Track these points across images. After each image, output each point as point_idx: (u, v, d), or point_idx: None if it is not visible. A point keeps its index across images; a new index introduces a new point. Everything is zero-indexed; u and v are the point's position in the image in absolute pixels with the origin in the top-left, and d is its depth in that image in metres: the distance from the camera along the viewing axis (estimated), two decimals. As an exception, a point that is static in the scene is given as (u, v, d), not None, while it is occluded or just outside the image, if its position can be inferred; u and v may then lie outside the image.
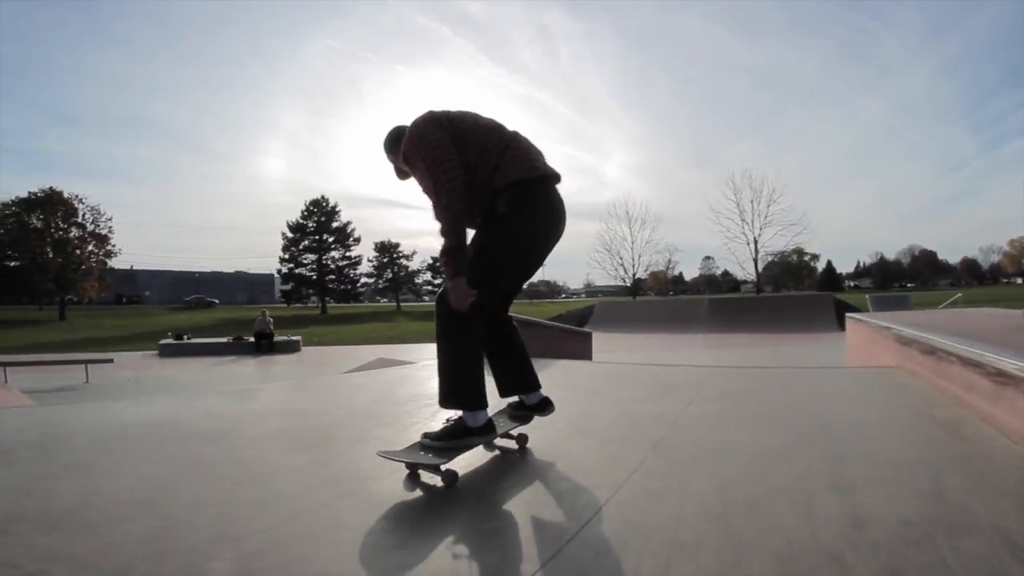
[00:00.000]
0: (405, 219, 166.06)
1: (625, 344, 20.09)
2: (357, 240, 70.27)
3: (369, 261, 77.56)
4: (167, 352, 21.07)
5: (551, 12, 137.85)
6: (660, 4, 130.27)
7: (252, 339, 21.16)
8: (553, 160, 2.74)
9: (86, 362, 14.88)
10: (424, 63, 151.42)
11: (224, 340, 22.41)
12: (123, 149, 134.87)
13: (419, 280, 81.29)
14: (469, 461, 2.68)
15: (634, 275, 65.34)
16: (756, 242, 58.19)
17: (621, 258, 65.52)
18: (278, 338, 21.08)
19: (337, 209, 68.93)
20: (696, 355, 15.11)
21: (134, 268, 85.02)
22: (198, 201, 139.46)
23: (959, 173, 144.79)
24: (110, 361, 16.23)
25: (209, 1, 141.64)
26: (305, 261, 67.64)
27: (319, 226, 67.88)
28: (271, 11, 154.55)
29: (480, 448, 2.76)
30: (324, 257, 67.90)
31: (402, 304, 74.50)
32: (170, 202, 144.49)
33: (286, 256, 67.02)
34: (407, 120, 2.76)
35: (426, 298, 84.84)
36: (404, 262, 79.32)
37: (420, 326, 35.41)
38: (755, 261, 59.44)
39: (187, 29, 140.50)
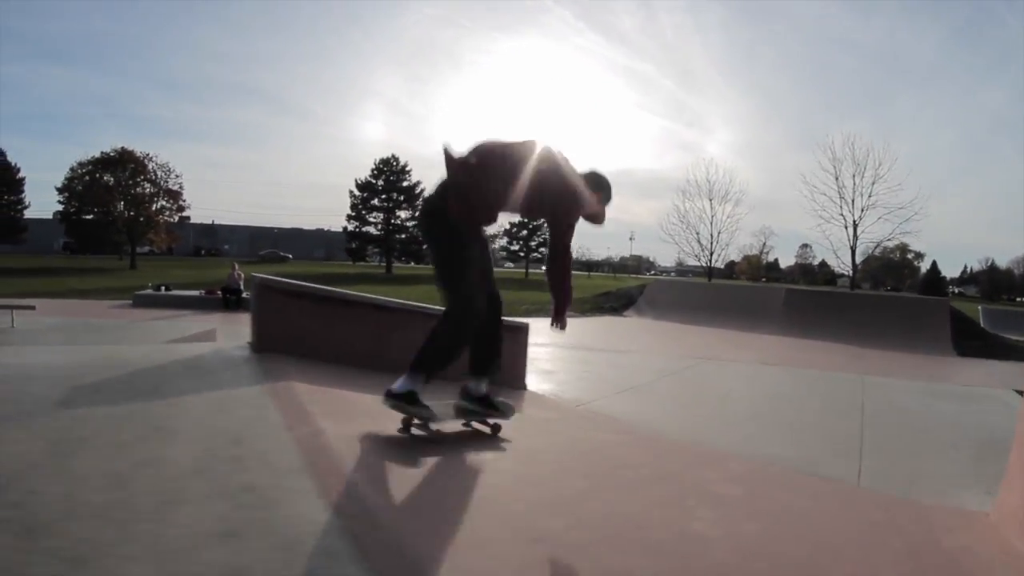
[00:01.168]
0: None
1: (657, 338, 15.81)
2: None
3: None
4: (140, 302, 20.46)
5: None
6: None
7: (220, 293, 20.46)
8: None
9: (12, 307, 14.57)
10: (521, 31, 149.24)
11: (196, 293, 21.56)
12: (222, 113, 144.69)
13: (497, 245, 78.58)
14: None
15: (711, 254, 52.90)
16: (855, 226, 46.95)
17: (698, 234, 52.84)
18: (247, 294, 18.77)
19: (407, 168, 67.04)
20: (740, 371, 10.18)
21: (215, 223, 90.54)
22: (297, 162, 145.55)
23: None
24: (32, 308, 15.46)
25: None
26: (372, 219, 66.53)
27: (387, 184, 65.90)
28: None
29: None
30: (392, 217, 66.27)
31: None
32: (267, 162, 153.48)
33: (353, 214, 66.17)
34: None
35: (509, 264, 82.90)
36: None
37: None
38: (852, 250, 47.49)
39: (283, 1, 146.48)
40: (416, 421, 3.30)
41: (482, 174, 3.15)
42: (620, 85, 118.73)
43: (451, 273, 3.33)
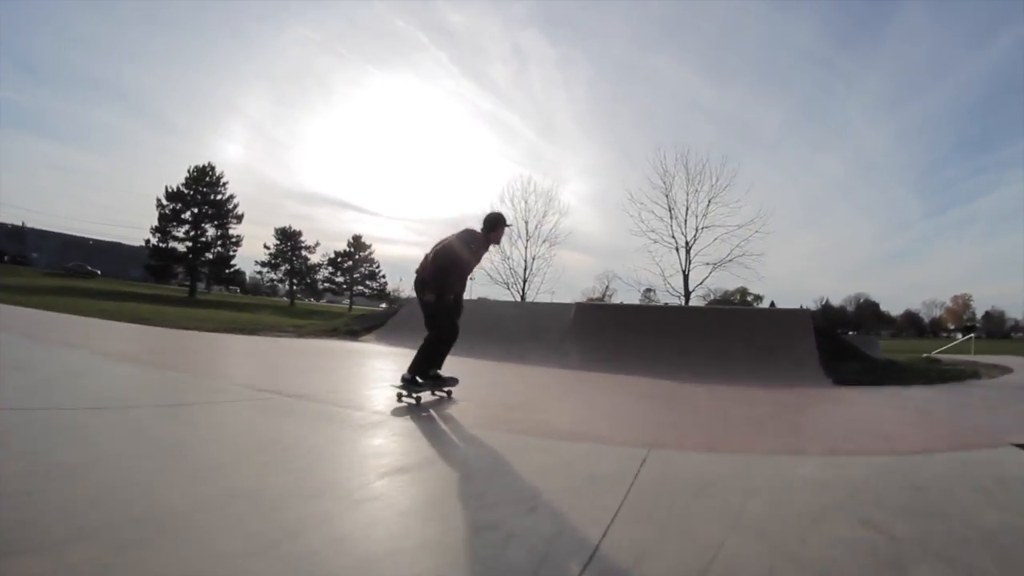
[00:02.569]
0: (357, 222, 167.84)
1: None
2: (239, 218, 60.39)
3: (266, 248, 69.52)
4: None
5: (529, 33, 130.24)
6: (636, 39, 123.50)
7: None
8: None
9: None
10: (396, 66, 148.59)
11: None
12: (80, 109, 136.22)
13: (319, 275, 72.76)
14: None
15: (523, 285, 41.51)
16: (688, 248, 38.42)
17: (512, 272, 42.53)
18: None
19: (224, 181, 59.66)
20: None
21: (25, 225, 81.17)
22: (144, 174, 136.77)
23: (906, 232, 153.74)
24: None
25: None
26: (179, 235, 57.92)
27: (201, 197, 58.11)
28: None
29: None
30: (200, 233, 58.26)
31: (300, 302, 66.59)
32: (109, 170, 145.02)
33: (157, 227, 57.11)
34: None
35: (327, 297, 78.32)
36: (305, 253, 71.08)
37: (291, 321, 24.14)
38: (685, 275, 38.57)
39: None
40: (405, 394, 5.69)
41: (445, 276, 5.81)
42: (484, 130, 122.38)
43: (440, 318, 5.86)
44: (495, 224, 6.09)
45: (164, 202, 57.78)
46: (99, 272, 68.47)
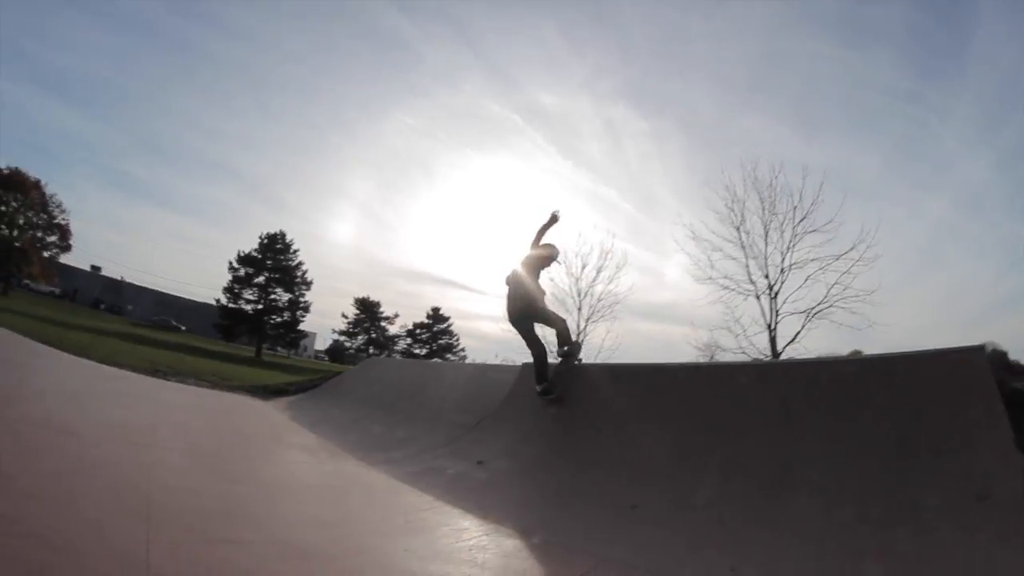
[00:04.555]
0: (461, 300, 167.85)
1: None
2: (308, 284, 62.75)
3: (344, 317, 72.46)
4: None
5: (619, 108, 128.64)
6: (723, 103, 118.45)
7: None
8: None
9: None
10: (493, 148, 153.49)
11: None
12: (199, 187, 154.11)
13: (399, 346, 72.93)
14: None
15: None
16: (774, 294, 27.47)
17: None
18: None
19: (294, 248, 62.06)
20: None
21: (123, 279, 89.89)
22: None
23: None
24: None
25: (303, 67, 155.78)
26: (248, 296, 60.73)
27: (273, 263, 60.97)
28: (356, 84, 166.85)
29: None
30: (269, 296, 60.93)
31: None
32: (227, 241, 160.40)
33: (228, 288, 60.47)
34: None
35: None
36: (385, 324, 72.76)
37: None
38: (770, 330, 27.30)
39: (279, 92, 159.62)
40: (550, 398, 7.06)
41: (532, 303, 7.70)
42: (585, 208, 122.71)
43: (534, 341, 7.53)
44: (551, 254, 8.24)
45: (235, 265, 60.44)
46: (183, 328, 74.48)
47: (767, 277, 27.78)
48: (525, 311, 7.59)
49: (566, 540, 4.23)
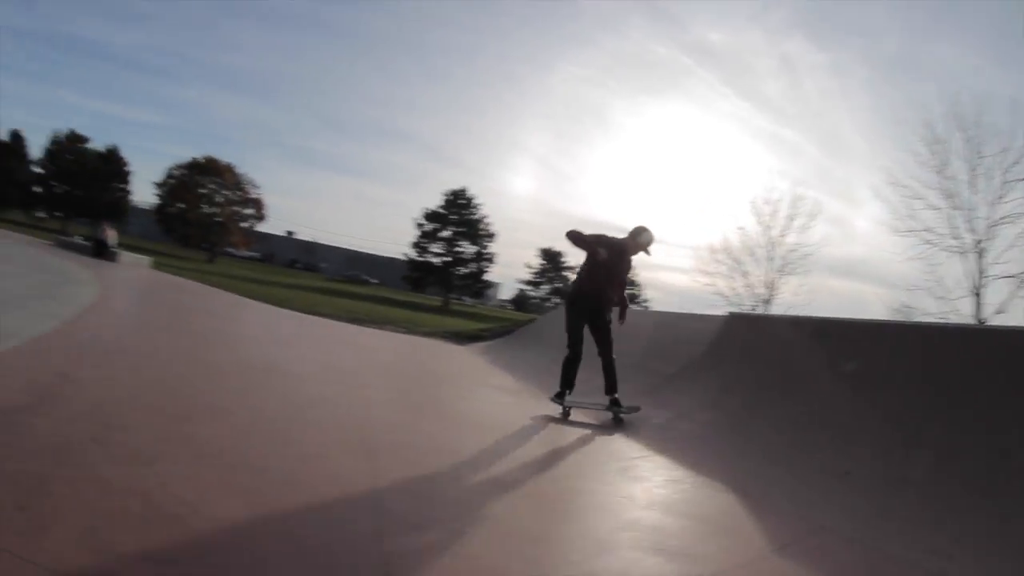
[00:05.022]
0: None
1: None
2: (491, 236, 63.71)
3: (528, 267, 72.49)
4: (57, 243, 24.33)
5: (794, 41, 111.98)
6: (908, 28, 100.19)
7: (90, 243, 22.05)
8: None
9: None
10: (667, 94, 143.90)
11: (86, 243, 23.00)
12: (382, 154, 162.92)
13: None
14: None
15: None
16: (981, 252, 23.12)
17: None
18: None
19: (476, 203, 63.45)
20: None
21: (315, 240, 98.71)
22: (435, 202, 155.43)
23: None
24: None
25: (457, 29, 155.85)
26: (435, 250, 62.81)
27: (457, 218, 62.73)
28: (519, 40, 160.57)
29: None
30: (455, 248, 62.69)
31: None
32: (413, 202, 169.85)
33: (417, 243, 62.93)
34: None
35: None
36: (568, 274, 69.91)
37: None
38: (976, 295, 23.11)
39: (440, 56, 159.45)
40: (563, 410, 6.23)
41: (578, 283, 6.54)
42: (767, 154, 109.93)
43: (579, 340, 6.39)
44: (637, 234, 6.40)
45: (422, 221, 62.88)
46: (374, 281, 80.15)
47: (973, 232, 23.42)
48: (603, 300, 6.36)
49: (778, 501, 3.81)
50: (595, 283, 6.23)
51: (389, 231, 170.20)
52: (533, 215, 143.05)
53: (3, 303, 6.36)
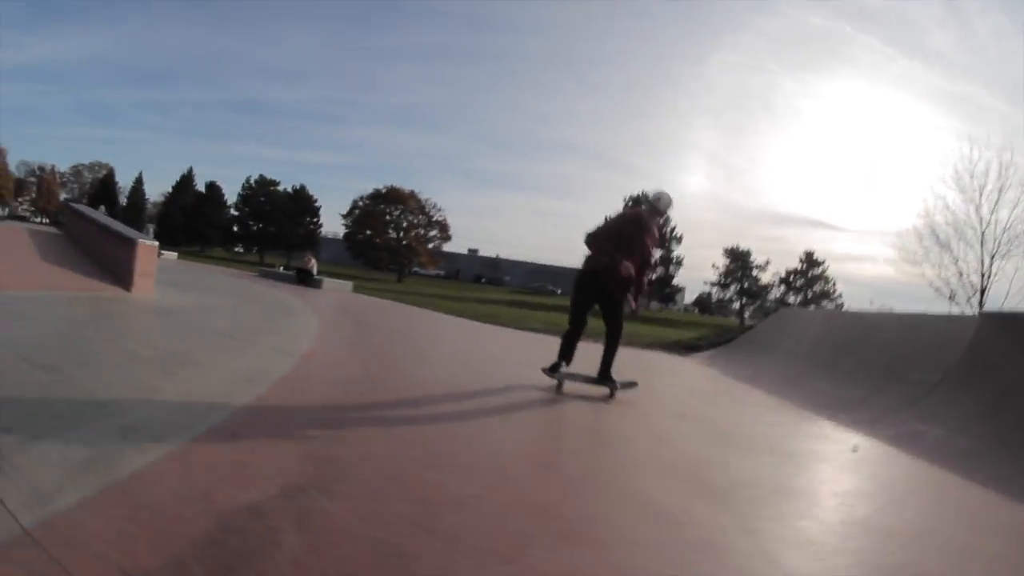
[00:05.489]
0: (826, 240, 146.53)
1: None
2: (678, 239, 64.05)
3: (714, 268, 69.22)
4: (261, 274, 25.34)
5: None
6: None
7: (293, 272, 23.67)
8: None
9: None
10: (831, 68, 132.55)
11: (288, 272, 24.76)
12: (546, 167, 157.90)
13: (771, 295, 68.25)
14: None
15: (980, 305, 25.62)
16: None
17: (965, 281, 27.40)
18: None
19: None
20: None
21: (498, 256, 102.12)
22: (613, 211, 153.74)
23: None
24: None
25: (612, 39, 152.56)
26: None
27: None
28: (669, 38, 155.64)
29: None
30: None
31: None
32: (586, 212, 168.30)
33: None
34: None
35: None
36: (756, 273, 68.36)
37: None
38: None
39: (590, 66, 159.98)
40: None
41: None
42: (943, 117, 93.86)
43: (582, 312, 6.10)
44: (655, 200, 6.09)
45: None
46: (558, 291, 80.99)
47: None
48: (610, 279, 5.73)
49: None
50: (600, 259, 5.72)
51: (567, 241, 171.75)
52: (709, 212, 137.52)
53: (234, 338, 6.57)
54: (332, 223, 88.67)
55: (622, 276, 5.53)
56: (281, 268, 27.61)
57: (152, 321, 7.23)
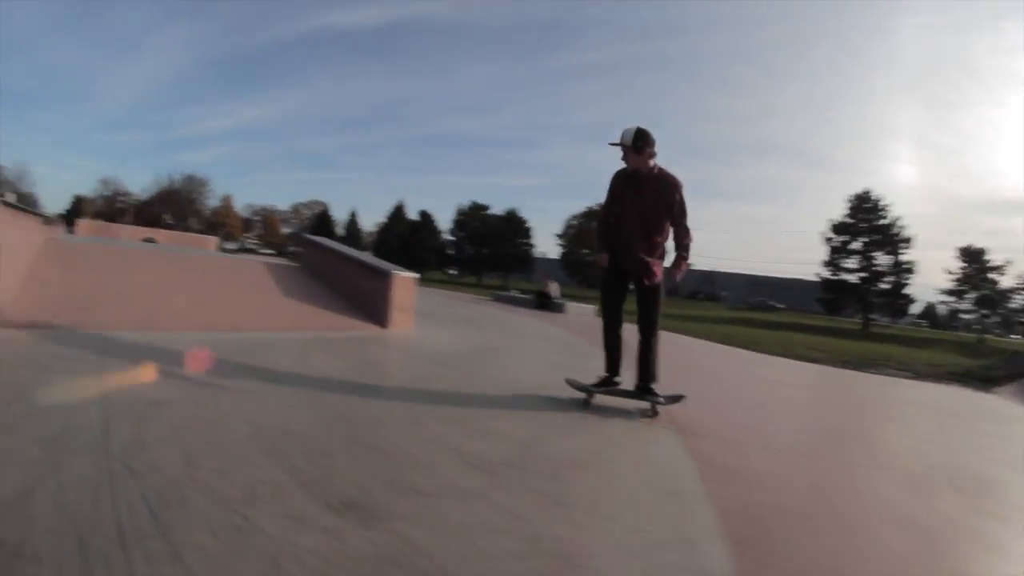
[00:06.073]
0: None
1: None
2: (907, 242, 54.52)
3: (948, 273, 59.99)
4: (495, 298, 25.55)
5: None
6: None
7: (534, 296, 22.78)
8: None
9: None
10: None
11: (526, 296, 24.30)
12: (744, 171, 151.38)
13: (1012, 304, 57.72)
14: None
15: None
16: None
17: None
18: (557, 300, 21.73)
19: (883, 205, 55.52)
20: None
21: (713, 270, 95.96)
22: (819, 213, 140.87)
23: None
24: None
25: (788, 22, 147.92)
26: (848, 265, 56.36)
27: (867, 226, 55.43)
28: (839, 10, 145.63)
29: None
30: (870, 262, 55.39)
31: (992, 339, 52.22)
32: (788, 215, 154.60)
33: (828, 261, 57.35)
34: None
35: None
36: (995, 276, 57.76)
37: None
38: None
39: (774, 54, 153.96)
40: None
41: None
42: None
43: (616, 305, 5.03)
44: (638, 139, 4.80)
45: (831, 235, 56.73)
46: (780, 306, 75.50)
47: None
48: (632, 259, 4.89)
49: None
50: (615, 239, 4.95)
51: (779, 249, 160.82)
52: (922, 206, 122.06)
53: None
54: (547, 243, 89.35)
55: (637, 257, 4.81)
56: (516, 292, 27.48)
57: (434, 371, 6.18)
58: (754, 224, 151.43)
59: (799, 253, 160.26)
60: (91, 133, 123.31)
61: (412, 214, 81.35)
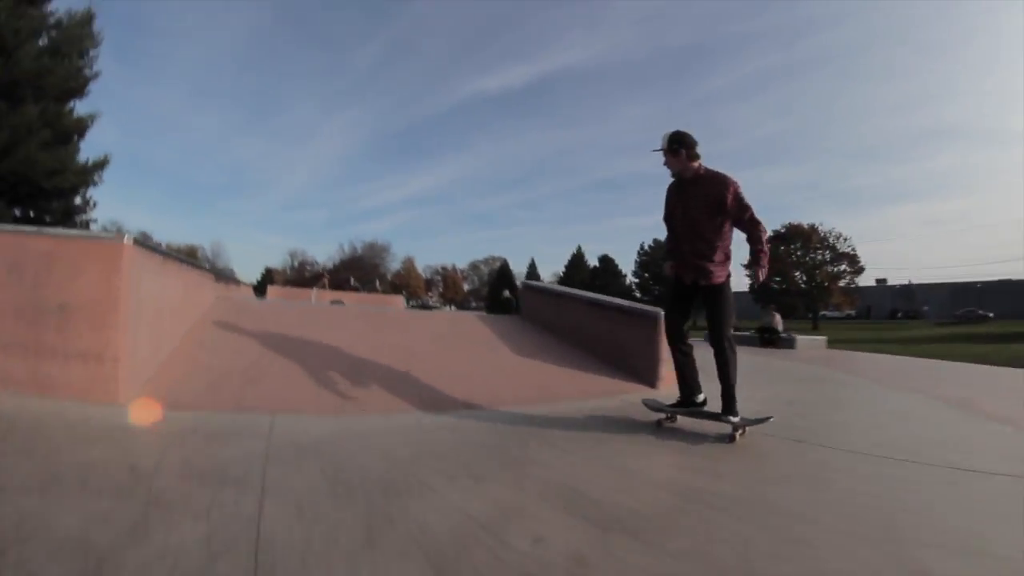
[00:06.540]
0: None
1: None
2: None
3: None
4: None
5: None
6: None
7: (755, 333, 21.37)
8: None
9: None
10: None
11: (746, 333, 22.24)
12: (917, 165, 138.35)
13: None
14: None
15: None
16: None
17: None
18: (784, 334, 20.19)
19: None
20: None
21: (911, 283, 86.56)
22: (1014, 198, 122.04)
23: None
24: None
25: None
26: None
27: None
28: None
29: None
30: None
31: None
32: (977, 207, 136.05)
33: None
34: None
35: None
36: None
37: None
38: None
39: (927, 27, 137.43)
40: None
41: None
42: None
43: (680, 332, 4.89)
44: (673, 141, 4.81)
45: None
46: (991, 315, 65.19)
47: None
48: (693, 269, 4.82)
49: None
50: (675, 252, 4.93)
51: (973, 248, 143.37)
52: None
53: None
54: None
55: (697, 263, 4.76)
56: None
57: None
58: (940, 224, 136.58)
59: (999, 249, 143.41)
60: (276, 213, 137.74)
61: (593, 258, 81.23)
